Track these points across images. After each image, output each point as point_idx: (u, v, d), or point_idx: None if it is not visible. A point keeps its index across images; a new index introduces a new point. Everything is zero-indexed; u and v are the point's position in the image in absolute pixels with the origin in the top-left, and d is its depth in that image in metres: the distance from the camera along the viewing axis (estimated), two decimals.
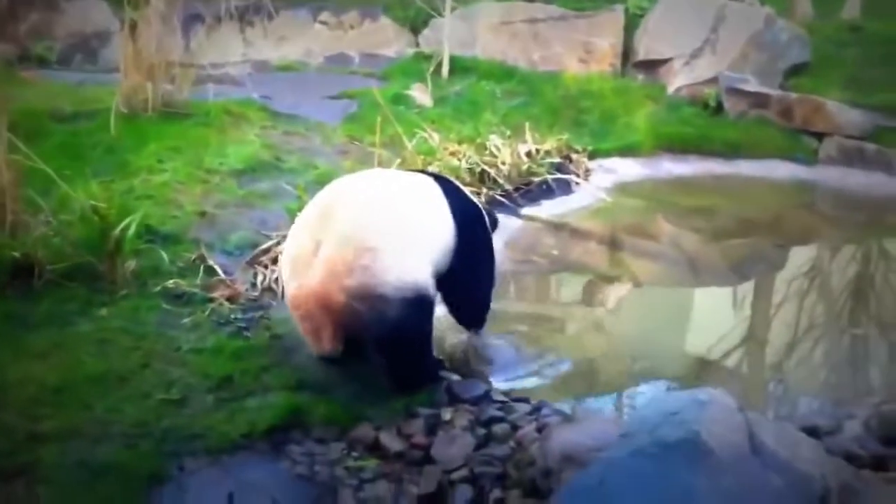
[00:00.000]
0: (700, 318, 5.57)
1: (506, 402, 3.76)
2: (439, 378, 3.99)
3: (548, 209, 6.80)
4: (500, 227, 6.22)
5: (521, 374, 4.43)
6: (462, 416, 3.67)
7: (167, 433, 3.55)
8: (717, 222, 7.09)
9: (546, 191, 6.97)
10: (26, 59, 8.18)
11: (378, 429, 3.66)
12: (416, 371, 3.90)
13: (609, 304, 5.57)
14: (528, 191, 6.81)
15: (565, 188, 7.09)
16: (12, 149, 4.77)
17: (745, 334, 5.32)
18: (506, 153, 6.85)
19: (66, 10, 8.71)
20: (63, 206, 4.82)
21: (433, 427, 3.64)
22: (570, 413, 3.50)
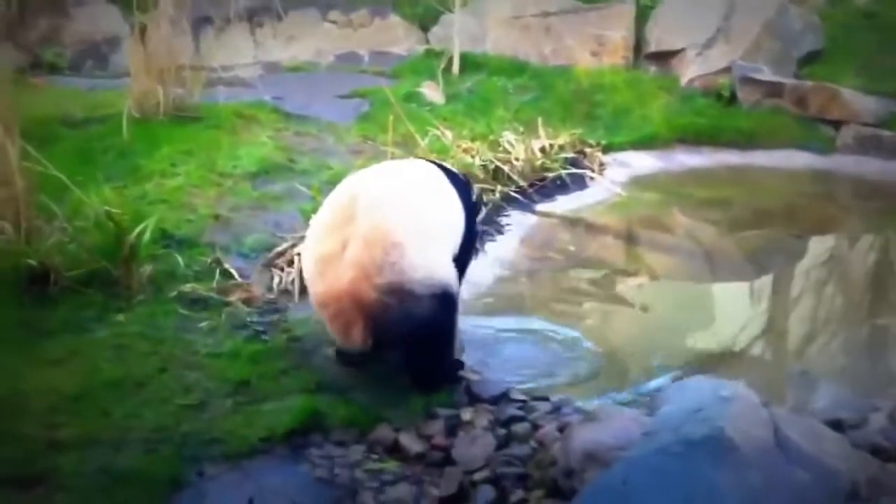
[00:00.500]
0: (718, 310, 5.53)
1: (526, 401, 3.74)
2: (459, 378, 3.97)
3: (563, 204, 6.76)
4: (516, 223, 6.29)
5: (538, 372, 4.40)
6: (482, 416, 3.66)
7: (186, 438, 3.54)
8: (734, 213, 7.04)
9: (560, 186, 6.92)
10: (37, 66, 8.19)
11: (398, 430, 3.64)
12: (438, 369, 3.92)
13: (626, 298, 5.52)
14: (542, 187, 6.77)
15: (580, 183, 7.04)
16: (25, 156, 4.77)
17: (763, 326, 5.28)
18: (519, 149, 6.81)
19: (75, 16, 8.71)
20: (77, 213, 4.82)
21: (453, 428, 3.62)
22: (592, 411, 3.45)
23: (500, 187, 6.42)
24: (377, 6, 9.39)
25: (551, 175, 6.88)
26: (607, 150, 7.59)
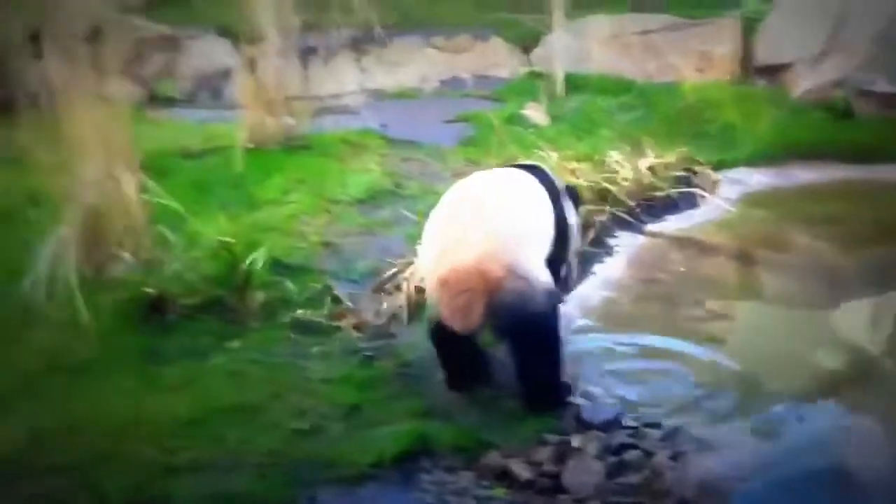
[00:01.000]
0: (835, 331, 5.32)
1: (637, 428, 3.66)
2: (568, 400, 3.94)
3: (673, 224, 6.62)
4: (624, 244, 6.19)
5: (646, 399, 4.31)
6: (592, 443, 3.59)
7: (298, 463, 3.58)
8: (851, 230, 6.76)
9: (670, 205, 6.79)
10: (154, 100, 8.50)
11: (507, 457, 3.61)
12: (551, 387, 3.94)
13: (738, 319, 5.37)
14: (651, 206, 6.66)
15: (690, 202, 6.89)
16: (143, 188, 4.95)
17: (884, 348, 5.07)
18: (626, 169, 6.73)
19: (189, 50, 9.02)
20: (194, 242, 4.97)
21: (563, 454, 3.56)
22: (707, 439, 3.36)
23: (607, 208, 6.34)
24: (479, 30, 9.44)
25: (660, 194, 6.77)
26: (718, 167, 7.43)
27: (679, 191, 6.82)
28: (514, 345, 3.87)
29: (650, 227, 6.49)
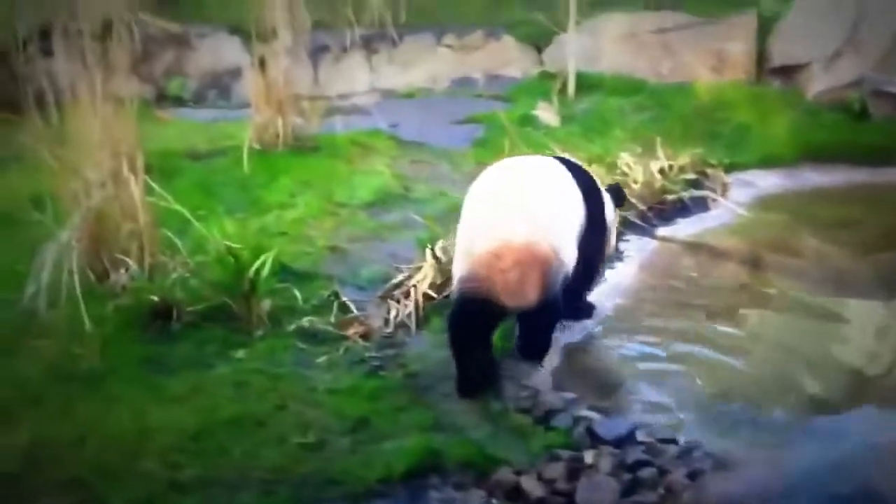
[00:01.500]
0: (849, 338, 5.22)
1: (652, 444, 3.57)
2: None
3: (684, 228, 6.53)
4: (636, 248, 6.10)
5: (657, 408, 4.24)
6: (606, 460, 3.50)
7: (305, 479, 3.49)
8: (866, 234, 6.67)
9: (681, 209, 6.70)
10: (162, 98, 8.44)
11: (518, 473, 3.53)
12: (545, 348, 4.32)
13: (752, 326, 5.27)
14: (662, 210, 6.56)
15: (702, 205, 6.80)
16: (149, 190, 4.87)
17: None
18: (637, 171, 6.63)
19: (198, 48, 8.96)
20: (199, 247, 4.89)
21: (576, 471, 3.47)
22: (725, 457, 3.27)
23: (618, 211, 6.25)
24: (491, 28, 9.35)
25: (671, 197, 6.68)
26: (730, 169, 7.32)
27: (691, 194, 6.72)
28: (531, 317, 4.11)
29: (661, 231, 6.40)
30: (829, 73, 8.62)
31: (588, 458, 3.54)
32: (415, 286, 4.83)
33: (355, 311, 4.71)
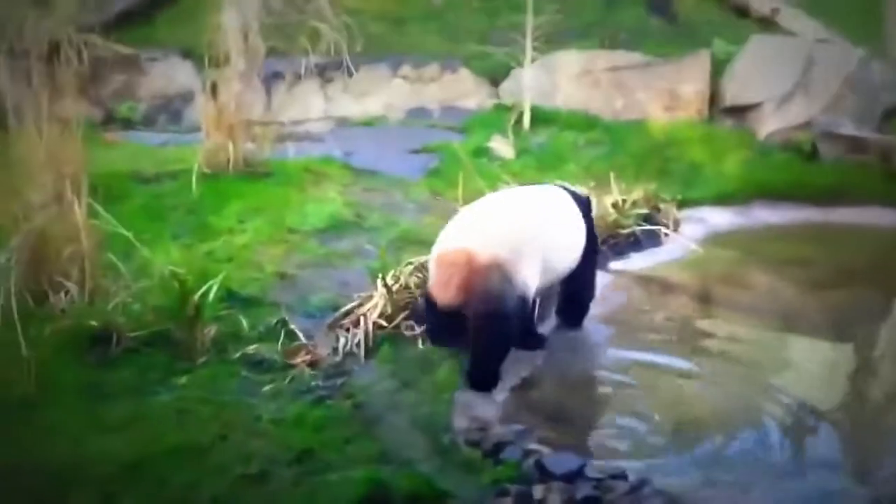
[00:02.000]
0: (798, 373, 5.24)
1: (602, 479, 3.52)
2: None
3: (636, 262, 6.55)
4: None
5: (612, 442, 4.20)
6: (554, 495, 3.44)
7: None
8: (815, 273, 6.73)
9: (634, 243, 6.71)
10: (111, 121, 8.29)
11: None
12: (481, 370, 4.42)
13: (702, 362, 5.26)
14: (615, 244, 6.56)
15: (654, 240, 6.81)
16: (93, 213, 4.75)
17: (847, 391, 5.00)
18: None
19: (149, 72, 8.82)
20: (143, 272, 4.78)
21: None
22: (675, 493, 3.22)
23: None
24: (448, 60, 9.35)
25: (624, 231, 6.69)
26: (683, 205, 7.36)
27: (643, 228, 6.74)
28: (472, 328, 4.36)
29: (614, 264, 6.40)
30: (780, 115, 8.73)
31: (537, 492, 3.48)
32: (365, 315, 4.75)
33: (303, 339, 4.62)
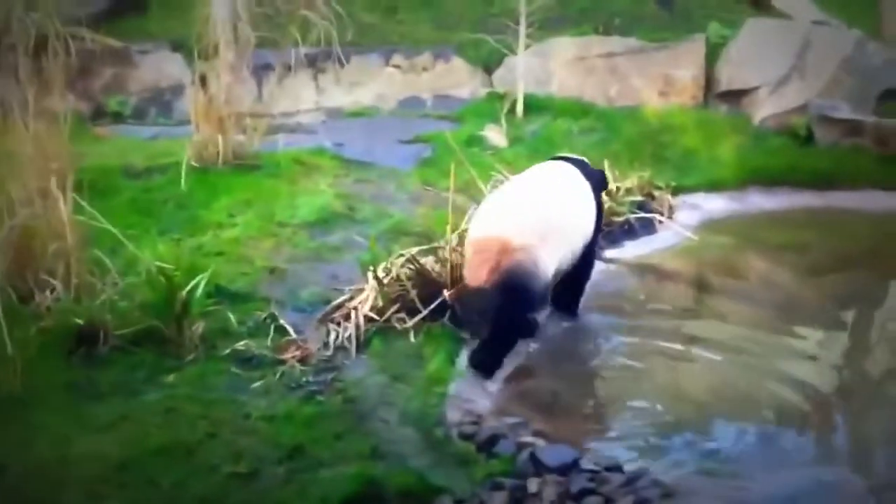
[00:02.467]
0: (795, 359, 5.19)
1: (597, 472, 3.47)
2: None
3: (631, 250, 6.50)
4: None
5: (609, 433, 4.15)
6: (550, 488, 3.40)
7: None
8: (811, 258, 6.70)
9: (628, 231, 6.66)
10: (101, 115, 8.21)
11: (460, 502, 3.40)
12: (488, 352, 4.52)
13: (698, 350, 5.21)
14: (609, 231, 6.50)
15: (648, 227, 6.76)
16: (79, 208, 4.67)
17: (844, 374, 4.98)
18: None
19: (140, 65, 8.74)
20: (131, 268, 4.71)
21: (519, 500, 3.37)
22: (671, 484, 3.17)
23: None
24: (440, 49, 9.27)
25: (618, 219, 6.63)
26: (677, 192, 7.31)
27: (638, 216, 6.68)
28: (496, 308, 4.46)
29: (608, 252, 6.34)
30: (775, 99, 8.67)
31: (532, 486, 3.44)
32: (356, 308, 4.69)
33: (293, 334, 4.55)
